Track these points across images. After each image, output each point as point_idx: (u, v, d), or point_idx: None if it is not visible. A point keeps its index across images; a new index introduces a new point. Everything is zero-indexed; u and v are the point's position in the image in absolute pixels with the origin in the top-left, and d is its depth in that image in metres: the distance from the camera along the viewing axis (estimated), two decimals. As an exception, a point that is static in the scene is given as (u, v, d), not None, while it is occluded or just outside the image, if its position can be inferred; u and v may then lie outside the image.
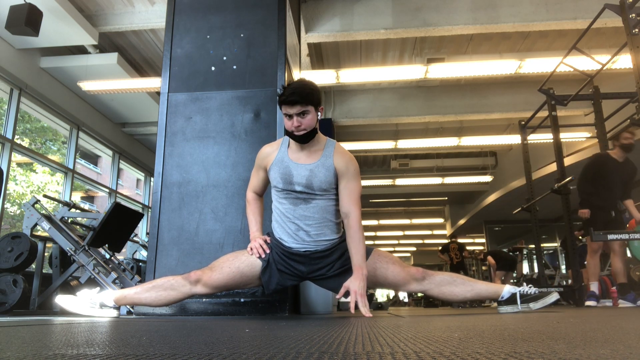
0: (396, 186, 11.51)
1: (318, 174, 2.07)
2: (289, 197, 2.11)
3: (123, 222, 4.38)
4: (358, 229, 2.05)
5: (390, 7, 5.56)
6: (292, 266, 2.13)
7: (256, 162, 2.26)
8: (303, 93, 1.98)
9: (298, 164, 2.10)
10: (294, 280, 2.18)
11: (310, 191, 2.08)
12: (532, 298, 2.19)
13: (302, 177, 2.08)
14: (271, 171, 2.15)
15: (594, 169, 4.21)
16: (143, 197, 9.56)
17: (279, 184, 2.11)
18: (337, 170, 2.09)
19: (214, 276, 2.10)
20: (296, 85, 2.00)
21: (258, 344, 0.82)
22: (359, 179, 2.14)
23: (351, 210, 2.06)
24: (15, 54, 5.68)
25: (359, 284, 1.97)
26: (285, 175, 2.09)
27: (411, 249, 23.41)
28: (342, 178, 2.10)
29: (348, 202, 2.08)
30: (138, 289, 2.16)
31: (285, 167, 2.11)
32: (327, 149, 2.13)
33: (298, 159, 2.12)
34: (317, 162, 2.09)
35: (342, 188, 2.10)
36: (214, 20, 3.33)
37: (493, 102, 7.75)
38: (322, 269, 2.14)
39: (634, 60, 3.52)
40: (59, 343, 0.86)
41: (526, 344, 0.73)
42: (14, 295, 3.66)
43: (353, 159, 2.14)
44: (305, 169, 2.08)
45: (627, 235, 3.88)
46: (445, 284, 2.15)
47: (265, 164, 2.20)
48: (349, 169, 2.10)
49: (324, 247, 2.12)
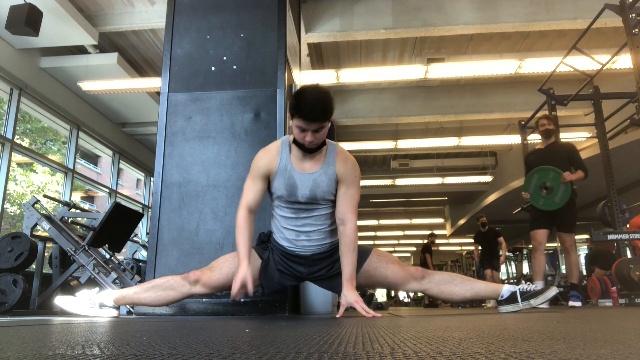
0: (396, 186, 11.51)
1: (321, 183, 2.00)
2: (291, 208, 2.05)
3: (123, 222, 4.38)
4: (353, 239, 2.02)
5: (390, 7, 5.56)
6: (292, 267, 2.13)
7: (253, 171, 2.05)
8: (325, 110, 1.83)
9: (302, 174, 2.01)
10: (293, 281, 2.18)
11: (314, 201, 2.03)
12: (532, 295, 2.19)
13: (307, 187, 2.00)
14: (275, 180, 2.03)
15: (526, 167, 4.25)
16: (143, 197, 9.56)
17: (283, 195, 2.03)
18: (338, 176, 2.02)
19: (214, 276, 2.10)
20: (316, 100, 1.81)
21: (258, 344, 0.82)
22: (359, 186, 2.07)
23: (348, 218, 2.01)
24: (15, 54, 5.68)
25: (353, 295, 2.00)
26: (290, 187, 2.00)
27: (411, 249, 23.40)
28: (342, 184, 2.03)
29: (345, 209, 2.02)
30: (137, 289, 2.16)
31: (290, 178, 2.00)
32: (329, 155, 2.04)
33: (302, 168, 2.02)
34: (320, 170, 2.01)
35: (341, 194, 2.03)
36: (214, 20, 3.33)
37: (493, 102, 7.75)
38: (322, 269, 2.14)
39: (634, 60, 3.52)
40: (59, 343, 0.86)
41: (526, 344, 0.73)
42: (14, 295, 3.66)
43: (356, 165, 2.07)
44: (309, 178, 2.00)
45: (627, 236, 3.89)
46: (444, 283, 2.15)
47: (267, 173, 2.04)
48: (350, 175, 2.03)
49: (324, 249, 2.12)
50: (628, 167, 8.27)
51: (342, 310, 2.10)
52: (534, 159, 4.10)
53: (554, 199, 3.87)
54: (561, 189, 3.82)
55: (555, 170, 3.85)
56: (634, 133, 6.66)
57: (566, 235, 3.89)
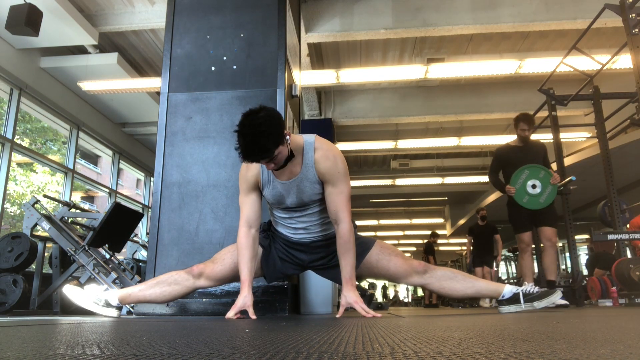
0: (396, 186, 11.51)
1: (304, 188, 1.97)
2: (283, 210, 2.08)
3: (123, 222, 4.38)
4: (349, 238, 1.97)
5: (390, 7, 5.56)
6: (294, 255, 2.15)
7: (242, 186, 2.04)
8: (263, 149, 1.72)
9: (284, 183, 1.98)
10: (295, 269, 2.19)
11: (303, 205, 2.04)
12: (536, 297, 2.18)
13: (292, 195, 1.99)
14: (264, 190, 2.03)
15: (497, 162, 4.18)
16: (143, 197, 9.56)
17: (273, 203, 2.05)
18: (320, 176, 1.95)
19: (217, 268, 2.11)
20: (251, 144, 1.70)
21: (258, 344, 0.82)
22: (347, 180, 1.98)
23: (340, 217, 1.96)
24: (15, 54, 5.68)
25: (353, 296, 2.01)
26: (277, 197, 2.01)
27: (411, 249, 23.42)
28: (327, 183, 1.96)
29: (336, 208, 1.96)
30: (142, 287, 2.17)
31: (274, 188, 1.99)
32: (306, 157, 1.95)
33: (283, 177, 1.99)
34: (299, 175, 1.95)
35: (327, 193, 1.97)
36: (214, 20, 3.33)
37: (493, 102, 7.75)
38: (323, 258, 2.15)
39: (634, 60, 3.52)
40: (59, 343, 0.86)
41: (526, 344, 0.73)
42: (14, 295, 3.66)
43: (338, 158, 1.96)
44: (292, 185, 1.97)
45: (627, 236, 3.89)
46: (446, 279, 2.15)
47: (255, 183, 2.03)
48: (333, 171, 1.94)
49: (324, 237, 2.13)
50: (628, 167, 8.27)
51: (341, 310, 2.11)
52: (512, 157, 4.05)
53: (539, 199, 3.86)
54: (548, 190, 3.84)
55: (547, 171, 3.87)
56: (634, 133, 6.67)
57: (551, 229, 3.89)
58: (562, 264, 14.15)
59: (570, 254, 4.83)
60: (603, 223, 5.92)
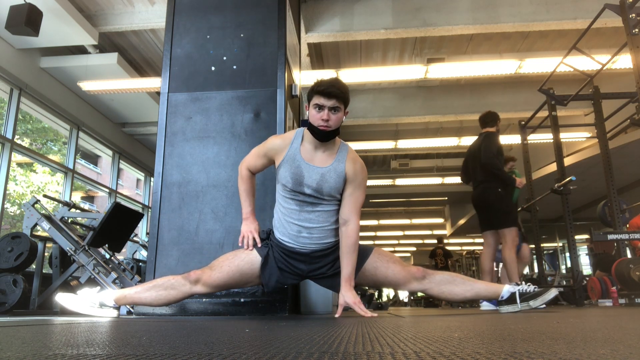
0: (396, 186, 11.51)
1: (329, 179, 2.03)
2: (295, 199, 2.07)
3: (123, 222, 4.38)
4: (355, 240, 2.05)
5: (390, 7, 5.56)
6: (292, 264, 2.14)
7: (263, 148, 2.16)
8: (343, 89, 1.98)
9: (310, 165, 2.04)
10: (294, 279, 2.18)
11: (319, 195, 2.04)
12: (531, 296, 2.20)
13: (313, 180, 2.03)
14: (281, 168, 2.07)
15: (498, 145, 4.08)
16: (143, 197, 9.56)
17: (288, 184, 2.05)
18: (347, 176, 2.05)
19: (214, 275, 2.10)
20: (335, 80, 1.98)
21: (258, 344, 0.82)
22: (365, 189, 2.12)
23: (351, 219, 2.06)
24: (15, 54, 5.68)
25: (351, 296, 2.03)
26: (296, 176, 2.03)
27: (411, 249, 23.41)
28: (349, 185, 2.06)
29: (350, 210, 2.06)
30: (138, 289, 2.16)
31: (297, 167, 2.04)
32: (340, 153, 2.09)
33: (311, 160, 2.05)
34: (330, 166, 2.04)
35: (347, 195, 2.07)
36: (214, 20, 3.33)
37: (493, 102, 7.75)
38: (322, 267, 2.15)
39: (634, 60, 3.52)
40: (59, 343, 0.86)
41: (526, 344, 0.73)
42: (14, 295, 3.66)
43: (364, 168, 2.11)
44: (317, 172, 2.03)
45: (627, 236, 3.88)
46: (445, 283, 2.16)
47: (274, 157, 2.12)
48: (358, 177, 2.07)
49: (324, 247, 2.12)
50: (628, 167, 8.26)
51: (340, 310, 2.11)
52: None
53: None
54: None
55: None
56: (634, 133, 6.65)
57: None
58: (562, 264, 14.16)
59: (570, 254, 4.83)
60: (603, 223, 5.92)
